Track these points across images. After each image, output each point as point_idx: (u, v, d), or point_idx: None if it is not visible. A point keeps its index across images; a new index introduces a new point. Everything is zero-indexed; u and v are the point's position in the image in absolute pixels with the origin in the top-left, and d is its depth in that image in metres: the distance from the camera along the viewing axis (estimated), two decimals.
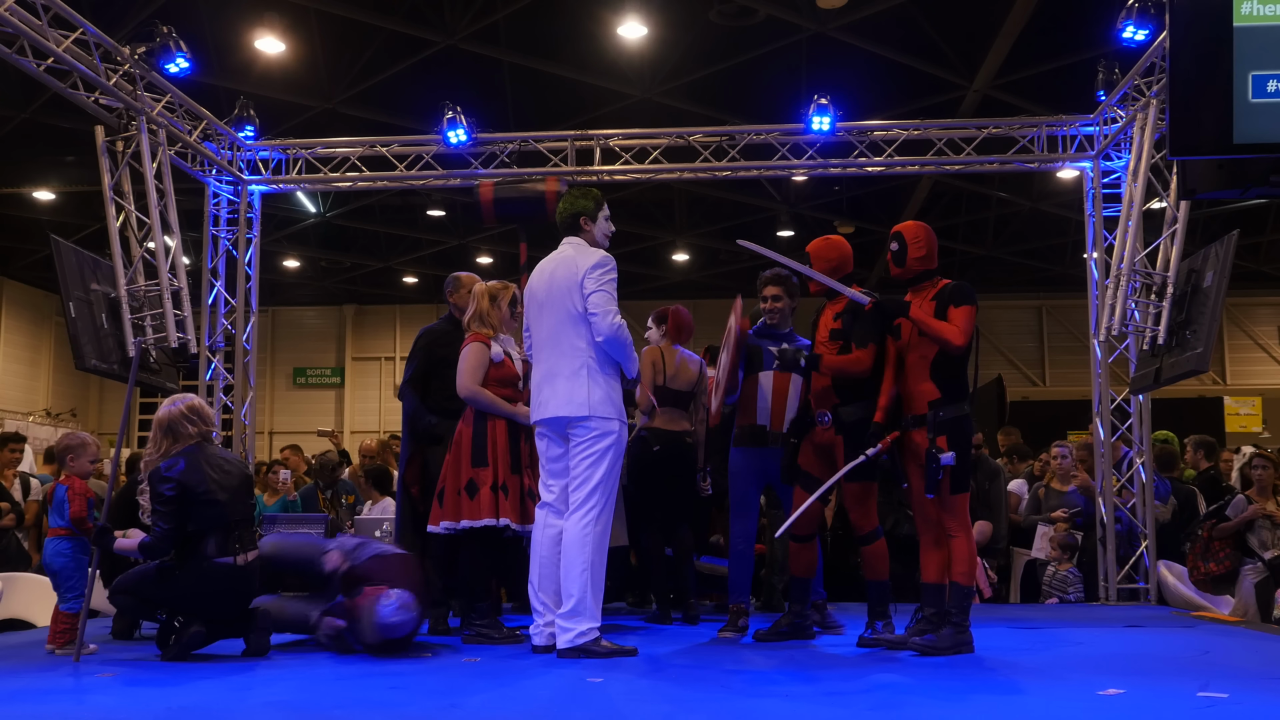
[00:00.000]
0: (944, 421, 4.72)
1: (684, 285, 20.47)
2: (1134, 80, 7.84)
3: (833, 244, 5.39)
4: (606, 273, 4.79)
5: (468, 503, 5.10)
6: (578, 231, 4.98)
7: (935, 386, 4.77)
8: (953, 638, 4.69)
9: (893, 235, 5.02)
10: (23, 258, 19.16)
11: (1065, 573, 7.73)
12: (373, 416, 21.95)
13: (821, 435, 5.17)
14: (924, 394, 4.80)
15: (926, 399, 4.78)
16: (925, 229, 5.02)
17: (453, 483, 5.19)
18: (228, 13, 11.21)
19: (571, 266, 4.82)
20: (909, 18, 11.31)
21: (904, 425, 4.88)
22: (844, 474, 4.95)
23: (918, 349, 4.86)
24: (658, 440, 6.07)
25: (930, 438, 4.70)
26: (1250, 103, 3.84)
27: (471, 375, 5.22)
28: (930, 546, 4.88)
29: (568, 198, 5.06)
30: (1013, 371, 20.79)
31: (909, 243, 4.94)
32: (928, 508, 4.84)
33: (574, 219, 4.99)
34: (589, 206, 5.00)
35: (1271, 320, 21.47)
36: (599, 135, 9.40)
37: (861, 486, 5.09)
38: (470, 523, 5.08)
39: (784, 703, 3.66)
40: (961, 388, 4.81)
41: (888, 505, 7.29)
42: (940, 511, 4.79)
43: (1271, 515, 7.18)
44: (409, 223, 18.03)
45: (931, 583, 4.87)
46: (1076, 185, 9.43)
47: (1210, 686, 3.80)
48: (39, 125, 12.90)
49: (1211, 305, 7.11)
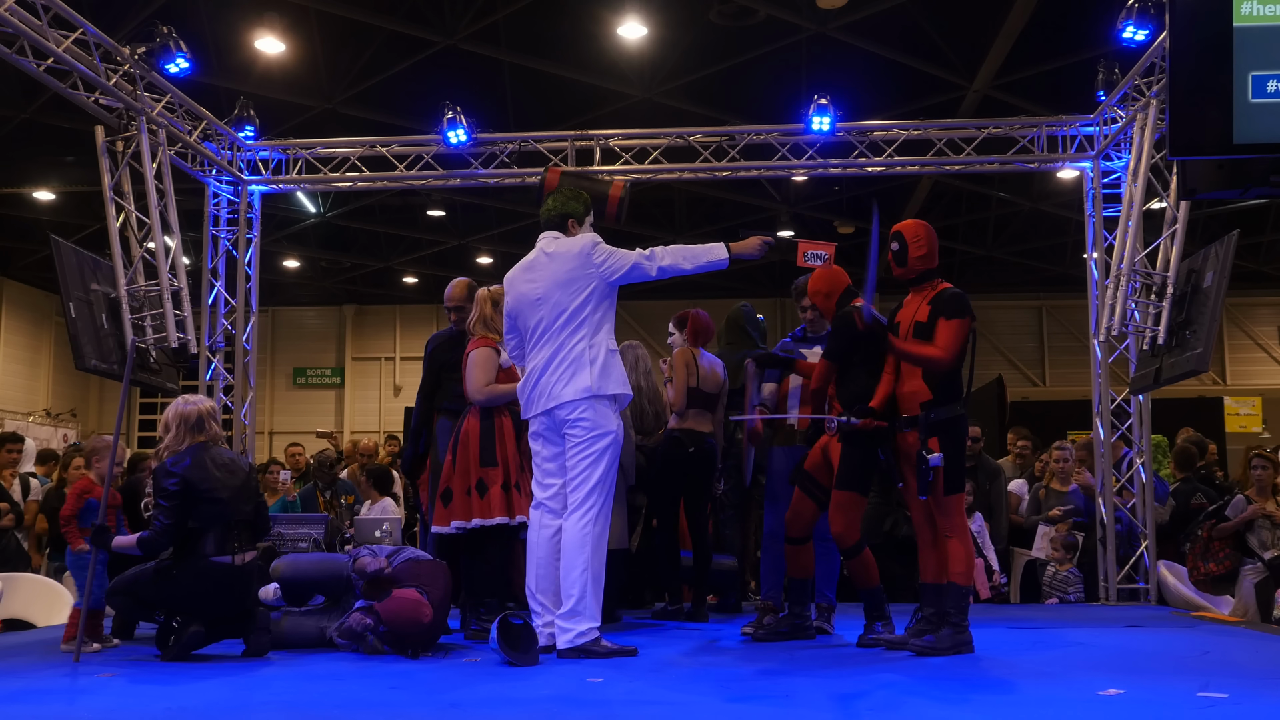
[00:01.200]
0: (936, 423, 4.72)
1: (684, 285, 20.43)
2: (1134, 80, 7.84)
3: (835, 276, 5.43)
4: (602, 245, 4.83)
5: (478, 502, 5.15)
6: (562, 234, 4.98)
7: (927, 388, 4.77)
8: (952, 638, 4.69)
9: (892, 235, 5.01)
10: (23, 258, 19.16)
11: (1066, 573, 7.73)
12: (373, 417, 21.94)
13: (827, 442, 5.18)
14: (916, 395, 4.80)
15: (919, 400, 4.78)
16: (925, 227, 5.01)
17: (460, 483, 5.23)
18: (228, 13, 11.21)
19: (564, 260, 4.81)
20: (909, 18, 11.31)
21: (897, 426, 4.88)
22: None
23: None
24: (691, 441, 6.12)
25: (921, 439, 4.70)
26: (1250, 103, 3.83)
27: (484, 378, 5.26)
28: (928, 547, 4.88)
29: (559, 197, 5.05)
30: (1013, 372, 20.78)
31: (909, 242, 4.94)
32: (922, 509, 4.85)
33: (561, 219, 4.99)
34: (579, 210, 5.00)
35: (1271, 320, 21.47)
36: (599, 135, 9.40)
37: (849, 497, 5.00)
38: (482, 521, 5.13)
39: (783, 704, 3.66)
40: (954, 389, 4.80)
41: (886, 506, 7.30)
42: (935, 512, 4.79)
43: (1271, 515, 7.18)
44: (409, 223, 18.03)
45: (930, 583, 4.87)
46: (1076, 185, 9.43)
47: (1210, 686, 3.80)
48: (39, 125, 12.90)
49: (1211, 305, 7.11)
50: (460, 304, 5.89)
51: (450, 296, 6.00)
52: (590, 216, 5.03)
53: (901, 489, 5.02)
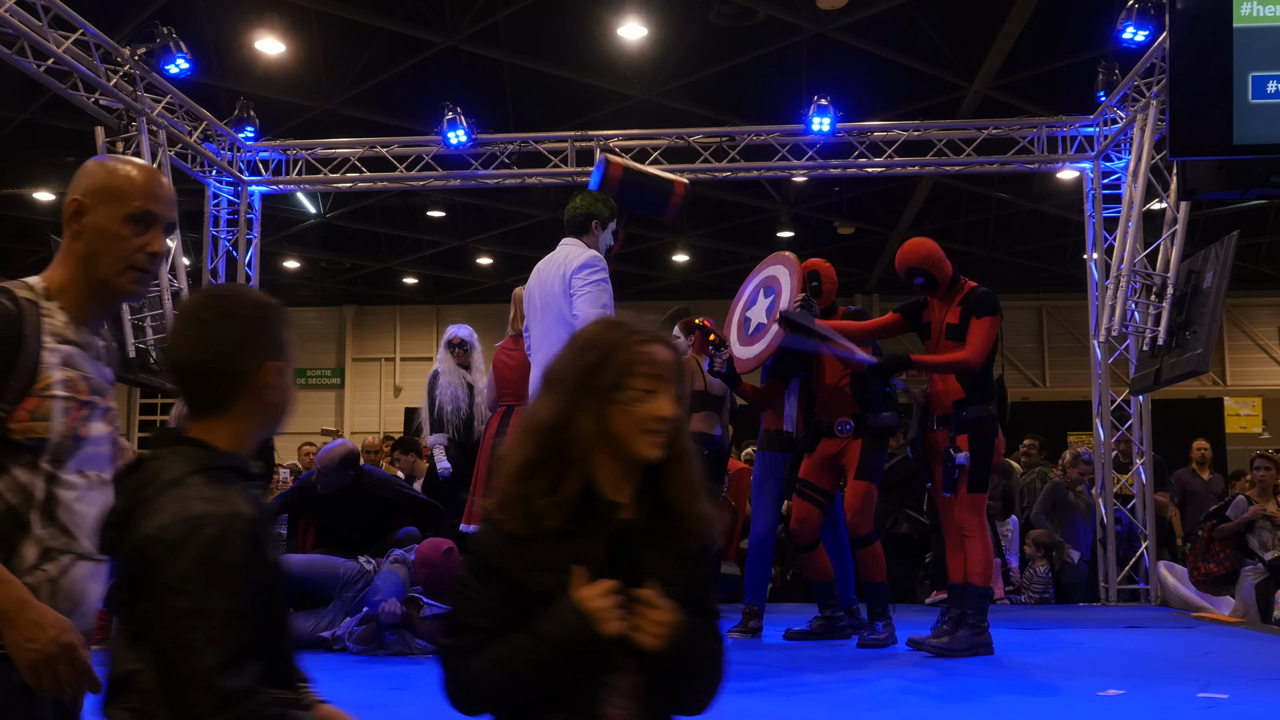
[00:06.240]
0: (966, 421, 4.73)
1: (684, 286, 20.46)
2: (1134, 81, 7.84)
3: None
4: (594, 273, 4.73)
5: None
6: (582, 233, 4.96)
7: (960, 386, 4.79)
8: (970, 639, 4.67)
9: (910, 272, 4.89)
10: (23, 258, 19.12)
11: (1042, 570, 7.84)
12: (373, 418, 21.92)
13: (828, 446, 5.19)
14: (949, 394, 4.80)
15: (951, 399, 4.79)
16: (930, 245, 4.92)
17: (479, 486, 5.35)
18: (228, 14, 11.20)
19: (562, 267, 4.81)
20: (909, 18, 11.30)
21: (928, 425, 4.89)
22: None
23: (944, 350, 4.86)
24: (703, 444, 6.13)
25: (950, 436, 4.71)
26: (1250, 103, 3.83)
27: (490, 394, 5.39)
28: (954, 547, 4.86)
29: (585, 198, 5.01)
30: (1013, 372, 20.76)
31: (933, 271, 4.86)
32: (946, 507, 4.85)
33: (586, 219, 4.95)
34: (604, 212, 4.97)
35: (1271, 321, 21.44)
36: (599, 136, 9.40)
37: (866, 486, 5.09)
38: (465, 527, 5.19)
39: (784, 702, 3.66)
40: (986, 387, 4.82)
41: (887, 504, 7.31)
42: (956, 509, 4.79)
43: (1272, 516, 7.18)
44: (409, 223, 18.02)
45: (956, 584, 4.85)
46: (1076, 186, 9.43)
47: (1210, 687, 3.80)
48: (39, 126, 12.89)
49: (1211, 306, 7.11)
50: None
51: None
52: (613, 224, 5.00)
53: (930, 488, 5.06)
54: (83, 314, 1.92)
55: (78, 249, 1.92)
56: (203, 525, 1.54)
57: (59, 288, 1.93)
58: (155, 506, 1.58)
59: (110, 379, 1.97)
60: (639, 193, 5.33)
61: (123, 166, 1.94)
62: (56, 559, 1.81)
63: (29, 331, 1.82)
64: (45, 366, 1.82)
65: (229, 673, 1.51)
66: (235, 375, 1.68)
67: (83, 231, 1.91)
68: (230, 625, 1.53)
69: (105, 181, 1.91)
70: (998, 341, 4.87)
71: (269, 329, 1.73)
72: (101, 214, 1.90)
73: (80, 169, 1.97)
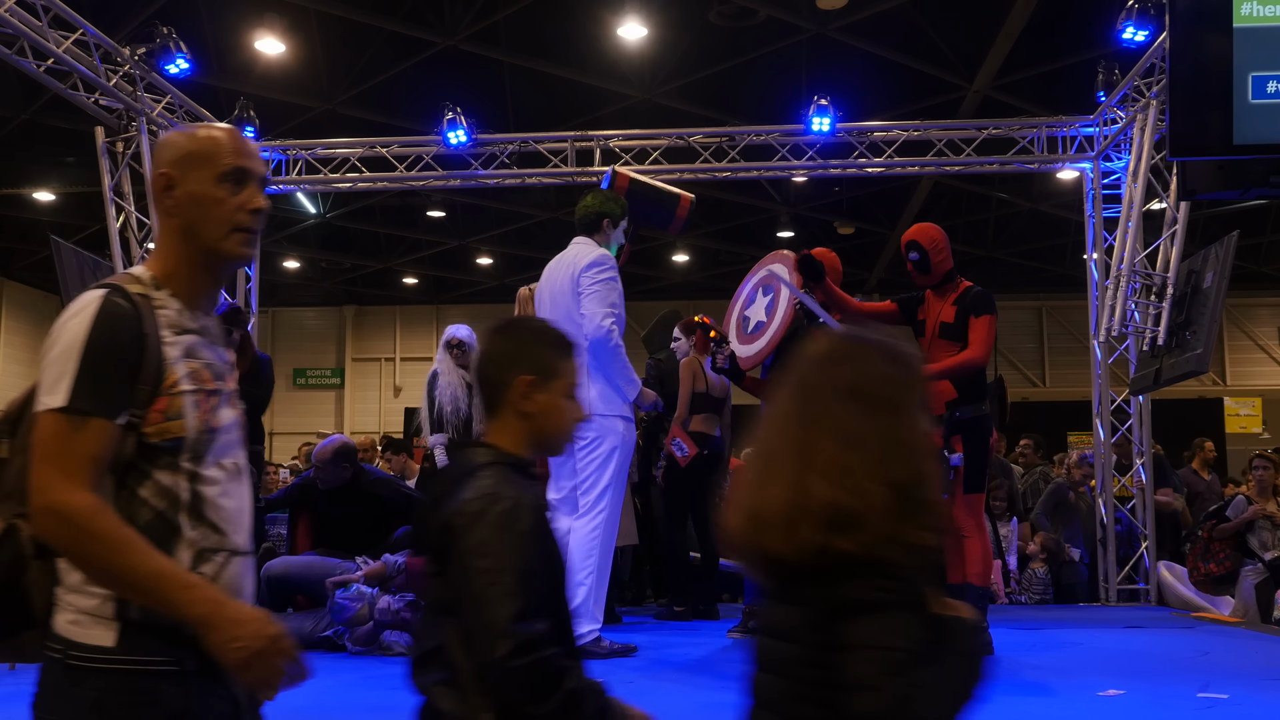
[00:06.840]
0: (960, 421, 4.73)
1: (684, 286, 20.47)
2: (1134, 81, 7.84)
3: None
4: (602, 272, 4.75)
5: None
6: (594, 232, 4.96)
7: (953, 386, 4.78)
8: None
9: (909, 245, 4.93)
10: (23, 258, 19.14)
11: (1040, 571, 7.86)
12: (372, 418, 21.92)
13: None
14: (942, 395, 4.80)
15: (944, 399, 4.79)
16: (938, 230, 4.98)
17: None
18: (228, 14, 11.20)
19: (571, 266, 4.82)
20: (909, 18, 11.30)
21: None
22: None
23: (937, 348, 4.86)
24: (704, 444, 6.15)
25: (944, 438, 4.71)
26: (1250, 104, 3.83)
27: None
28: (951, 548, 4.87)
29: (596, 197, 5.02)
30: (1013, 372, 20.76)
31: (929, 249, 4.89)
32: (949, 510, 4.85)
33: (597, 218, 4.95)
34: (615, 212, 4.97)
35: (1271, 321, 21.44)
36: (599, 136, 9.40)
37: None
38: None
39: None
40: (979, 387, 4.82)
41: None
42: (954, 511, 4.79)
43: (1271, 516, 7.18)
44: (409, 223, 18.02)
45: (955, 584, 4.86)
46: (1076, 186, 9.43)
47: (1210, 687, 3.79)
48: (39, 126, 12.89)
49: (1211, 306, 7.11)
50: None
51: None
52: (624, 224, 5.00)
53: None
54: (195, 296, 1.83)
55: (175, 225, 1.82)
56: (498, 499, 1.82)
57: (166, 273, 1.82)
58: (457, 490, 1.86)
59: (227, 360, 1.90)
60: (645, 205, 5.37)
61: (203, 130, 1.86)
62: (211, 559, 1.74)
63: (149, 329, 1.73)
64: (170, 362, 1.73)
65: (524, 623, 1.73)
66: (497, 384, 1.98)
67: (177, 205, 1.81)
68: (524, 583, 1.76)
69: (189, 147, 1.83)
70: (994, 342, 4.88)
71: (532, 350, 2.00)
72: (193, 180, 1.81)
73: (160, 143, 1.92)
